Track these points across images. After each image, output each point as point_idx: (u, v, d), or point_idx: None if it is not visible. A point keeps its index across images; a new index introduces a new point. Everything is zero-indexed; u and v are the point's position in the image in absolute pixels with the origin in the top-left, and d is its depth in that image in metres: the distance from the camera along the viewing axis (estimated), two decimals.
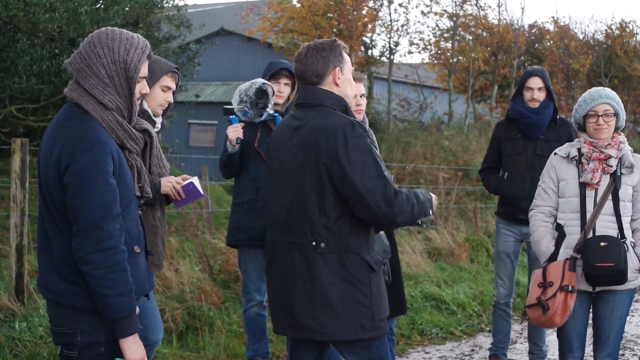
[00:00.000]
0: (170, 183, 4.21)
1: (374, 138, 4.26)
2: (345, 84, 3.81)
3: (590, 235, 4.54)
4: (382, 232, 3.91)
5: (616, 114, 4.62)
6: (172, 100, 4.32)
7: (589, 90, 4.75)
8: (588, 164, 4.61)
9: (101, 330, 2.93)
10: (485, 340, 7.28)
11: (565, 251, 4.60)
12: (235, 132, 5.21)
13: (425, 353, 6.93)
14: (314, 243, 3.59)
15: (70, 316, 2.94)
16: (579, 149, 4.68)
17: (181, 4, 17.85)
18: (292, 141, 3.69)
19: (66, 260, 2.90)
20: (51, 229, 2.94)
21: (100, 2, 14.19)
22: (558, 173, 4.73)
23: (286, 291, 3.70)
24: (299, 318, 3.65)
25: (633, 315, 8.38)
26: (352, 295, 3.61)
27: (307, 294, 3.62)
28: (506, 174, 6.00)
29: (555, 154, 4.80)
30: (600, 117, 4.60)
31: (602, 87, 4.76)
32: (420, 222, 3.77)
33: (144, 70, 3.06)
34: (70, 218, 2.85)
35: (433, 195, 3.82)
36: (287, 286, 3.69)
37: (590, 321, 4.78)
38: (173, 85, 4.31)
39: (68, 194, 2.84)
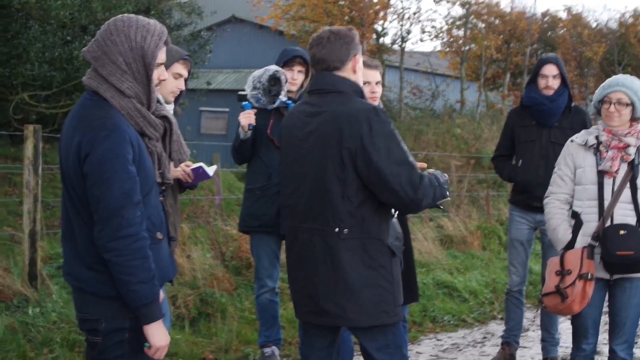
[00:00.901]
0: (179, 167, 4.22)
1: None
2: (360, 72, 3.80)
3: (608, 223, 4.51)
4: (394, 219, 3.90)
5: (632, 104, 4.58)
6: (183, 88, 4.31)
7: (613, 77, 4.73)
8: (607, 152, 4.58)
9: (125, 316, 2.94)
10: (497, 328, 7.27)
11: (583, 239, 4.58)
12: (247, 118, 5.20)
13: (437, 340, 6.93)
14: (336, 229, 3.57)
15: (95, 303, 2.95)
16: (597, 137, 4.64)
17: None
18: (311, 127, 3.66)
19: (89, 248, 2.91)
20: (74, 218, 2.95)
21: None
22: (575, 160, 4.70)
23: (308, 278, 3.68)
24: (322, 304, 3.64)
25: None
26: (375, 280, 3.61)
27: (329, 280, 3.61)
28: (520, 161, 5.96)
29: (572, 141, 4.77)
30: (613, 105, 4.57)
31: (624, 75, 4.71)
32: (439, 204, 3.78)
33: (161, 57, 3.05)
34: (91, 207, 2.85)
35: (445, 176, 3.82)
36: (309, 273, 3.67)
37: (605, 308, 4.76)
38: (185, 73, 4.30)
39: (88, 183, 2.84)
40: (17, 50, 13.06)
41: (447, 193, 3.75)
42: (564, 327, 6.33)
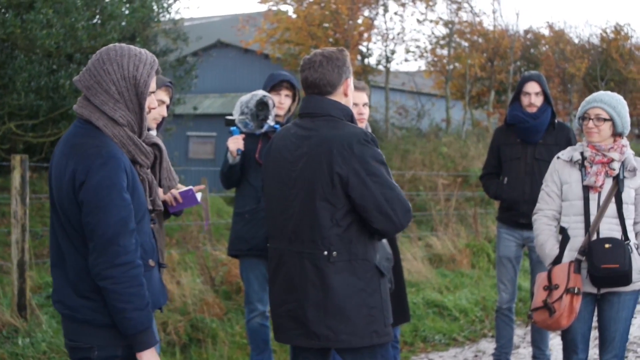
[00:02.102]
0: (169, 192, 4.24)
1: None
2: (351, 94, 3.83)
3: (595, 237, 4.56)
4: (384, 240, 3.92)
5: (611, 119, 4.65)
6: (165, 114, 4.33)
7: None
8: (591, 167, 4.64)
9: (117, 344, 2.94)
10: (488, 346, 7.28)
11: (570, 254, 4.62)
12: (235, 143, 5.23)
13: None
14: (325, 252, 3.59)
15: (87, 331, 2.95)
16: (581, 153, 4.71)
17: (177, 17, 17.89)
18: (301, 151, 3.67)
19: (81, 276, 2.92)
20: (65, 246, 2.96)
21: (97, 17, 14.25)
22: (561, 176, 4.76)
23: (297, 301, 3.68)
24: (312, 327, 3.64)
25: (636, 317, 8.38)
26: (365, 301, 3.62)
27: (320, 303, 3.61)
28: (506, 178, 6.01)
29: (558, 157, 4.83)
30: (591, 121, 4.65)
31: (604, 92, 4.78)
32: None
33: (152, 85, 3.08)
34: (87, 235, 2.86)
35: None
36: (298, 296, 3.67)
37: (595, 323, 4.79)
38: (166, 99, 4.33)
39: (84, 211, 2.85)
40: (3, 80, 13.04)
41: None
42: (555, 343, 6.35)
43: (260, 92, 5.30)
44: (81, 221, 2.87)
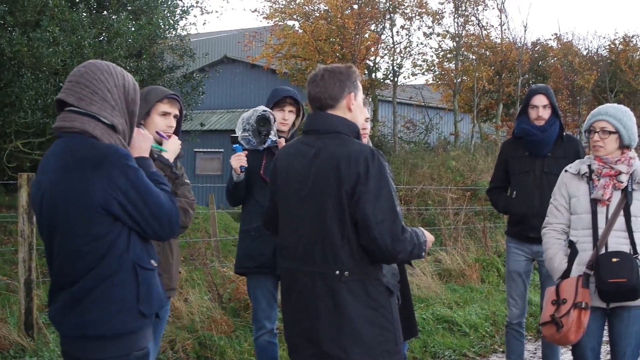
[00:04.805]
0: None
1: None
2: (357, 110, 3.77)
3: (603, 251, 4.50)
4: None
5: (617, 132, 4.60)
6: (173, 125, 4.30)
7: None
8: (599, 180, 4.59)
9: (128, 353, 2.97)
10: None
11: (578, 268, 4.57)
12: (238, 160, 5.20)
13: None
14: (337, 272, 3.55)
15: (98, 346, 2.96)
16: (589, 166, 4.66)
17: (184, 33, 17.94)
18: (309, 169, 3.63)
19: (89, 291, 2.96)
20: (74, 264, 2.99)
21: (103, 34, 14.29)
22: (569, 190, 4.72)
23: (309, 320, 3.64)
24: (325, 347, 3.59)
25: None
26: (377, 321, 3.58)
27: (332, 322, 3.57)
28: (514, 192, 5.96)
29: (566, 171, 4.79)
30: (597, 134, 4.61)
31: (610, 105, 4.76)
32: (411, 262, 3.75)
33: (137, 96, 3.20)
34: (146, 225, 3.05)
35: (429, 237, 3.79)
36: (310, 316, 3.63)
37: (606, 338, 4.73)
38: (172, 110, 4.30)
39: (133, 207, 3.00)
40: (9, 98, 13.09)
41: (423, 254, 3.71)
42: (566, 358, 6.28)
43: (261, 108, 5.27)
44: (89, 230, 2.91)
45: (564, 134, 5.95)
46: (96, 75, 3.04)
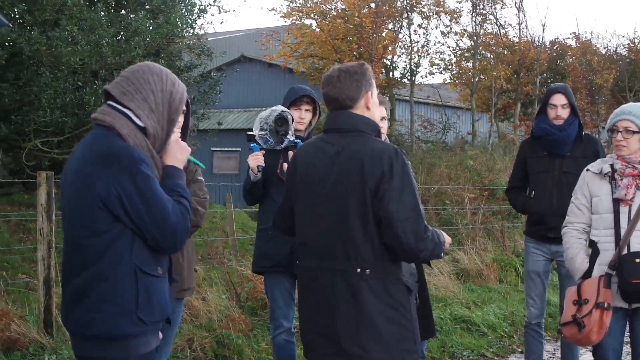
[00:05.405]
0: None
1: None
2: (374, 108, 3.78)
3: (625, 251, 4.47)
4: None
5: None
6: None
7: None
8: (622, 179, 4.56)
9: (130, 355, 2.96)
10: None
11: (600, 268, 4.53)
12: (255, 160, 5.20)
13: None
14: (359, 270, 3.54)
15: (99, 345, 2.95)
16: (611, 165, 4.62)
17: (201, 32, 17.98)
18: (332, 167, 3.62)
19: (92, 287, 2.95)
20: (77, 259, 2.99)
21: (122, 33, 14.35)
22: (591, 189, 4.68)
23: (328, 318, 3.63)
24: (344, 345, 3.58)
25: None
26: (396, 319, 3.58)
27: (352, 320, 3.56)
28: (533, 192, 5.93)
29: (587, 170, 4.75)
30: (620, 133, 4.57)
31: (633, 104, 4.73)
32: (429, 262, 3.74)
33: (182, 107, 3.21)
34: (146, 229, 3.00)
35: (447, 238, 3.79)
36: (330, 313, 3.62)
37: (627, 338, 4.69)
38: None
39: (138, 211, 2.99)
40: (29, 97, 13.18)
41: (442, 254, 3.72)
42: (586, 359, 6.24)
43: (279, 108, 5.27)
44: (95, 227, 2.91)
45: (583, 133, 5.90)
46: (145, 76, 3.08)
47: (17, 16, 13.06)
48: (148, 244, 2.98)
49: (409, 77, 27.20)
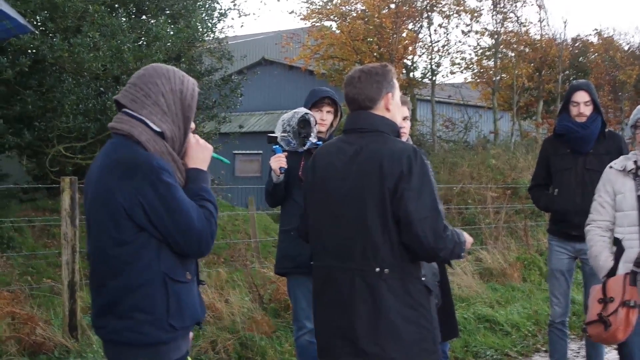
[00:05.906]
0: None
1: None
2: (395, 109, 3.77)
3: None
4: None
5: None
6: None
7: None
8: None
9: None
10: None
11: (625, 265, 4.50)
12: (278, 162, 5.21)
13: None
14: (377, 269, 3.53)
15: (129, 353, 2.95)
16: (635, 162, 4.59)
17: (222, 36, 18.02)
18: (351, 167, 3.63)
19: (121, 295, 2.94)
20: (106, 265, 2.98)
21: (143, 39, 14.42)
22: (614, 186, 4.65)
23: (345, 318, 3.62)
24: (362, 345, 3.57)
25: None
26: (415, 319, 3.57)
27: (370, 320, 3.56)
28: (556, 190, 5.90)
29: (610, 167, 4.72)
30: None
31: None
32: (451, 262, 3.72)
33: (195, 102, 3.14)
34: (170, 235, 2.98)
35: (468, 238, 3.77)
36: (347, 313, 3.61)
37: None
38: None
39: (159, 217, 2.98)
40: (51, 103, 13.28)
41: (463, 254, 3.70)
42: (610, 358, 6.20)
43: (302, 110, 5.28)
44: (112, 236, 2.90)
45: (606, 130, 5.86)
46: (152, 79, 3.04)
47: (39, 23, 13.16)
48: (174, 251, 2.96)
49: (429, 77, 27.14)
